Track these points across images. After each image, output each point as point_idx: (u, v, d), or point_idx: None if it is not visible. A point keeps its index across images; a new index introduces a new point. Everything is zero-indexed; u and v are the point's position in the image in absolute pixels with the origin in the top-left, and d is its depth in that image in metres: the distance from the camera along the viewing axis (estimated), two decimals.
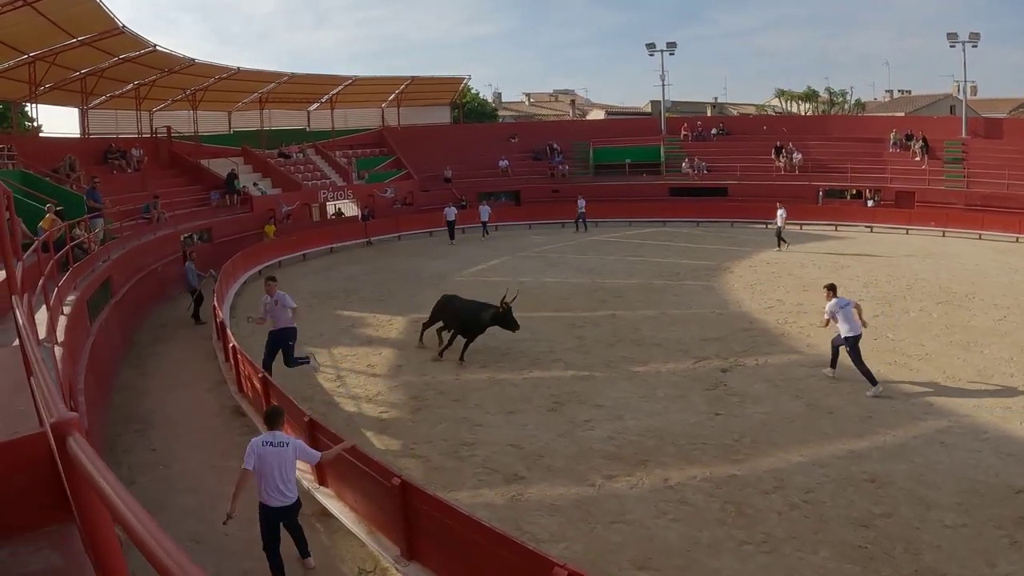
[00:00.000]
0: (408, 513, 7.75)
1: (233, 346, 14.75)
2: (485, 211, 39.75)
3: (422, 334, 18.52)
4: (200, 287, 21.93)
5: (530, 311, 21.33)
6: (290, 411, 10.73)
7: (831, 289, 15.27)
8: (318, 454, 8.47)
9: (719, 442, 12.31)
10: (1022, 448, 11.89)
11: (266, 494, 7.99)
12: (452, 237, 37.50)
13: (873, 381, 14.29)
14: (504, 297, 17.16)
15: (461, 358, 17.03)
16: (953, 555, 8.80)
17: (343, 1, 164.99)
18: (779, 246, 32.37)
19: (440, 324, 17.99)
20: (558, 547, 9.05)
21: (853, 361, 14.59)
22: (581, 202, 40.51)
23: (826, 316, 15.14)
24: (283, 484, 7.99)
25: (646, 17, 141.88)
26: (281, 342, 14.84)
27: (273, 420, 8.38)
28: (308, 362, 15.37)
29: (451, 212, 37.98)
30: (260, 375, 12.30)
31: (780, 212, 33.01)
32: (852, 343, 14.59)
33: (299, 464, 10.44)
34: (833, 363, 15.36)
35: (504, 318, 17.07)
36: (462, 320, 17.32)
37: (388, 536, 8.29)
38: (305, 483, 9.93)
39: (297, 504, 8.26)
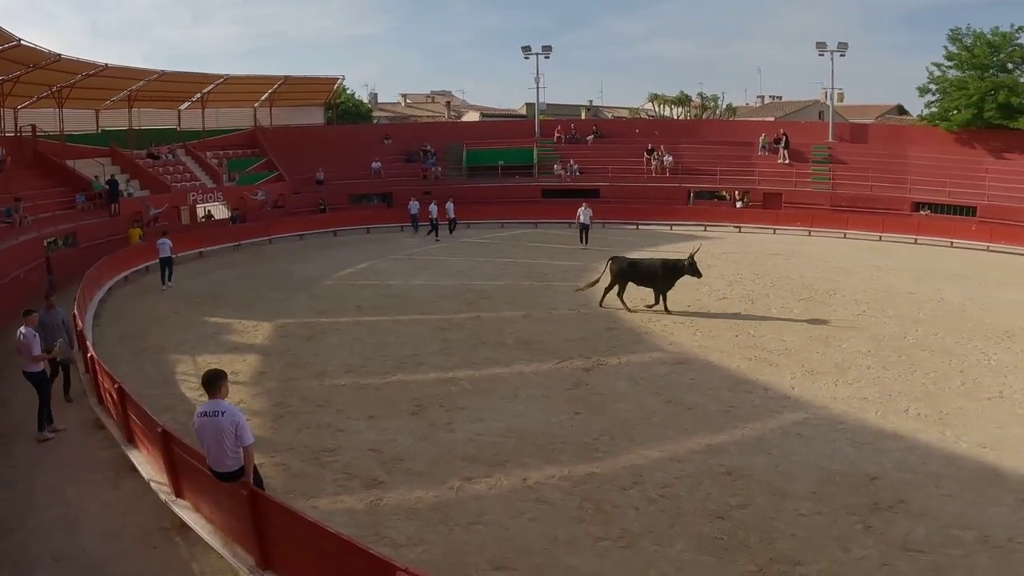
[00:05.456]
0: (259, 522, 7.71)
1: (91, 356, 14.17)
2: (414, 205, 39.87)
3: (603, 299, 21.60)
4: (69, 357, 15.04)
5: (396, 315, 21.32)
6: (144, 422, 10.45)
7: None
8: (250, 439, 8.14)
9: (579, 441, 12.41)
10: (877, 437, 12.40)
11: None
12: None
13: None
14: (694, 252, 21.20)
15: (667, 309, 20.95)
16: (808, 542, 9.10)
17: None
18: (582, 242, 33.53)
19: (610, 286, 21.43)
20: (416, 551, 9.01)
21: None
22: (413, 204, 40.18)
23: None
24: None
25: (531, 22, 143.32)
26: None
27: (209, 386, 8.11)
28: None
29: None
30: (116, 386, 11.84)
31: (582, 210, 34.09)
32: None
33: (157, 475, 9.93)
34: None
35: (692, 268, 20.91)
36: (661, 277, 21.03)
37: (243, 546, 8.19)
38: (162, 496, 9.74)
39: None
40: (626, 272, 21.19)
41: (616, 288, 21.33)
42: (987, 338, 18.36)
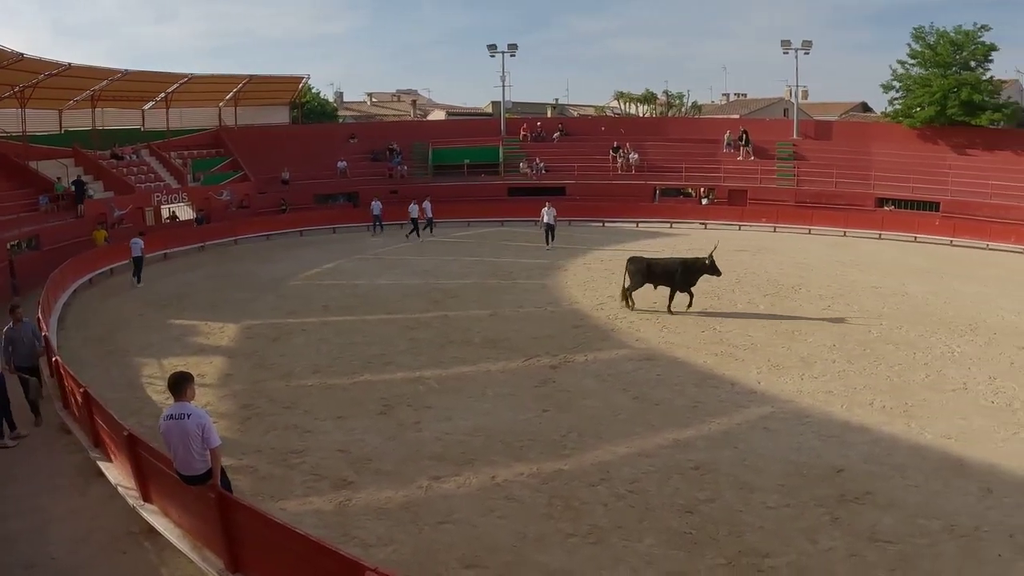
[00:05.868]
0: (227, 525, 7.65)
1: (56, 360, 13.96)
2: (377, 206, 39.53)
3: (629, 299, 21.29)
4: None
5: (363, 314, 21.23)
6: (110, 426, 10.31)
7: None
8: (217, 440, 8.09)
9: (547, 438, 12.43)
10: (843, 430, 12.57)
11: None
12: None
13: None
14: (712, 250, 21.25)
15: (670, 310, 20.76)
16: (776, 534, 9.19)
17: None
18: (547, 243, 33.06)
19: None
20: (386, 551, 8.98)
21: None
22: (376, 204, 39.93)
23: None
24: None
25: (498, 20, 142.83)
26: None
27: (175, 389, 8.06)
28: None
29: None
30: (82, 390, 11.69)
31: (546, 210, 33.53)
32: None
33: (125, 480, 9.78)
34: None
35: (712, 267, 20.79)
36: (680, 276, 20.83)
37: (212, 549, 8.13)
38: (130, 500, 9.64)
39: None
40: (644, 272, 21.04)
41: (632, 287, 21.22)
42: (951, 331, 18.62)
